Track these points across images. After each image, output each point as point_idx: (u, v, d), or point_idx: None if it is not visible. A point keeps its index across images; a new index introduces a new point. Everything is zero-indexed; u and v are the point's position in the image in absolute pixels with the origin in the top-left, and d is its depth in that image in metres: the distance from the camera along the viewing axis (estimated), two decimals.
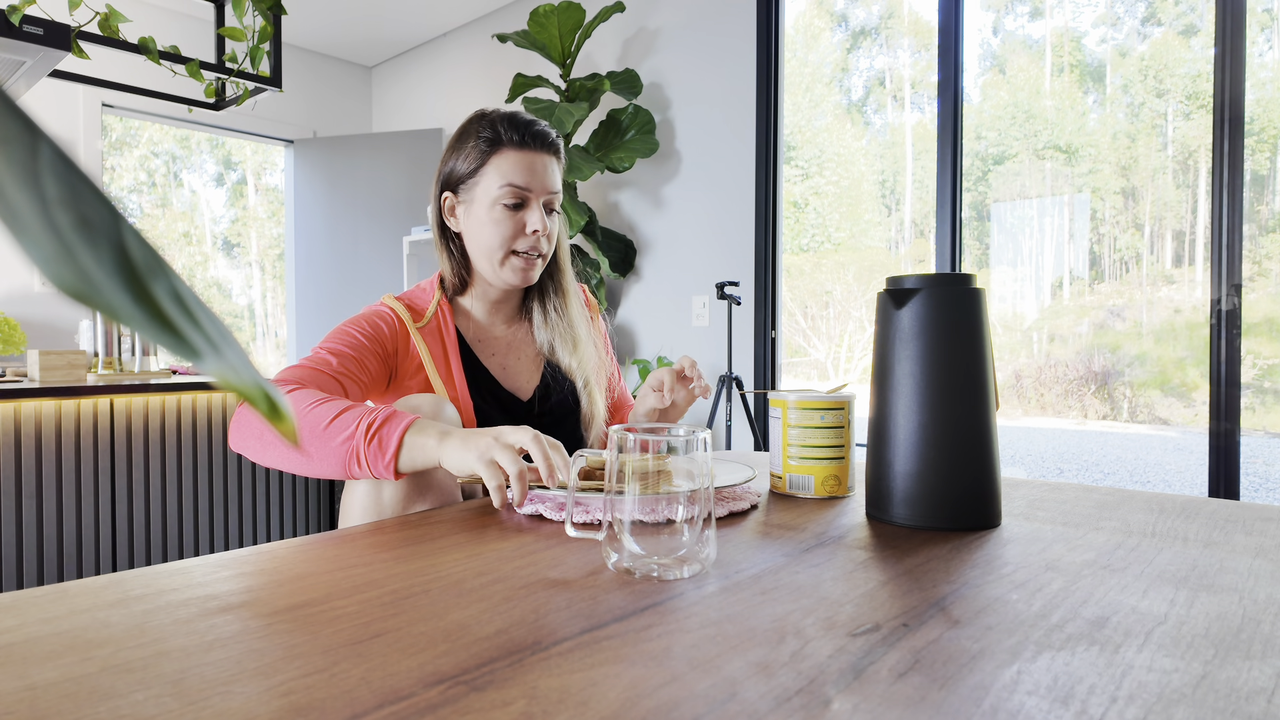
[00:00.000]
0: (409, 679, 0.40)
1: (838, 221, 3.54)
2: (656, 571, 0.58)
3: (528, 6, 3.59)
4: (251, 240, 6.99)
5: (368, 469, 0.81)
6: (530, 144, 1.08)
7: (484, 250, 1.10)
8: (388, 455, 0.80)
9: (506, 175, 1.07)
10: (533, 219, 1.08)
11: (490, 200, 1.08)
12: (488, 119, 1.10)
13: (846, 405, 0.90)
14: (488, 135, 1.08)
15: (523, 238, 1.09)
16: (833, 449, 0.88)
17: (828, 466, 0.88)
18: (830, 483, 0.88)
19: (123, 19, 1.95)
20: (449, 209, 1.14)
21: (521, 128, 1.08)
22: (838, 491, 0.89)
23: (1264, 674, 0.41)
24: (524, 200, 1.08)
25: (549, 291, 1.20)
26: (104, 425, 1.95)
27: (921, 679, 0.40)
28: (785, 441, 0.90)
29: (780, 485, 0.90)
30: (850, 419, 0.90)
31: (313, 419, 0.84)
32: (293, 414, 0.18)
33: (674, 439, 0.59)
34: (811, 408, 0.88)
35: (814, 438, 0.88)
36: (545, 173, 1.09)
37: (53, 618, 0.48)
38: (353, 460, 0.82)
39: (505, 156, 1.07)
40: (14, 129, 0.16)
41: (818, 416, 0.88)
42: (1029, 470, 3.94)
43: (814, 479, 0.88)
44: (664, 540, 0.59)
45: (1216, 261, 1.95)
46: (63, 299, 1.23)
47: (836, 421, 0.88)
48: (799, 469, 0.89)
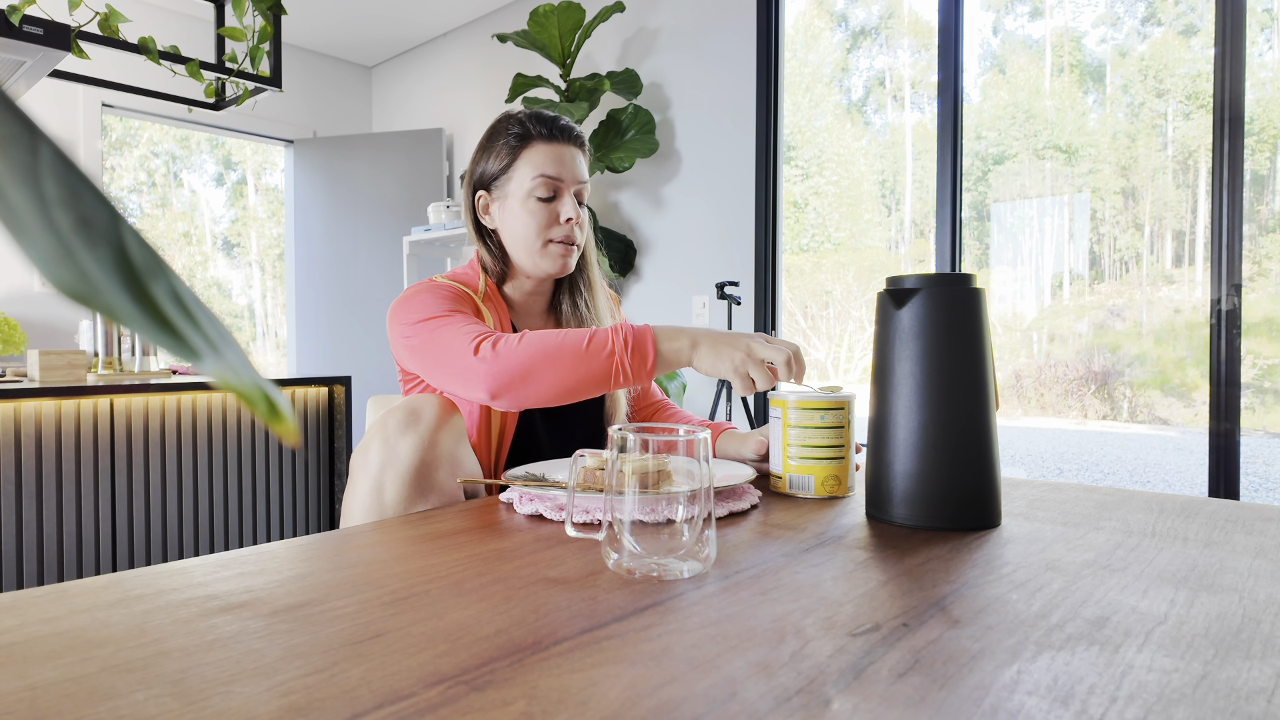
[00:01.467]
0: (409, 679, 0.40)
1: (838, 221, 3.54)
2: (656, 571, 0.58)
3: (528, 6, 3.59)
4: (251, 240, 6.99)
5: (632, 375, 0.91)
6: (558, 137, 1.12)
7: (522, 241, 1.14)
8: (648, 362, 0.91)
9: (539, 167, 1.11)
10: (566, 208, 1.12)
11: (525, 193, 1.12)
12: (515, 118, 1.14)
13: (846, 405, 0.90)
14: (517, 132, 1.13)
15: (557, 226, 1.13)
16: (833, 449, 0.88)
17: (828, 466, 0.88)
18: (830, 483, 0.88)
19: (123, 19, 1.95)
20: (483, 207, 1.18)
21: (548, 122, 1.13)
22: (838, 491, 0.89)
23: (1264, 674, 0.41)
24: (556, 191, 1.12)
25: (579, 285, 1.24)
26: (104, 425, 1.95)
27: (921, 679, 0.40)
28: (785, 441, 0.90)
29: (780, 485, 0.91)
30: (850, 419, 0.90)
31: (569, 346, 0.92)
32: (290, 412, 0.18)
33: (674, 438, 0.59)
34: (812, 408, 0.88)
35: (814, 438, 0.88)
36: (574, 164, 1.14)
37: (53, 618, 0.48)
38: (619, 372, 0.91)
39: (535, 150, 1.12)
40: (14, 129, 0.16)
41: (818, 417, 0.88)
42: (1029, 470, 3.94)
43: (814, 479, 0.89)
44: (663, 540, 0.59)
45: (1216, 261, 1.95)
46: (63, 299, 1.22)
47: (836, 421, 0.88)
48: (799, 469, 0.89)
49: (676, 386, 2.84)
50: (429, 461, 0.87)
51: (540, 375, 0.92)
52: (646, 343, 0.91)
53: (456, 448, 0.91)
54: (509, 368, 0.93)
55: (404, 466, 0.85)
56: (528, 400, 0.94)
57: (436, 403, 0.91)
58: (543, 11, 2.91)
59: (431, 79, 4.12)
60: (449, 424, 0.90)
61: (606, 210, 3.30)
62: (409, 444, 0.86)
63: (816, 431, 0.88)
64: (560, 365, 0.92)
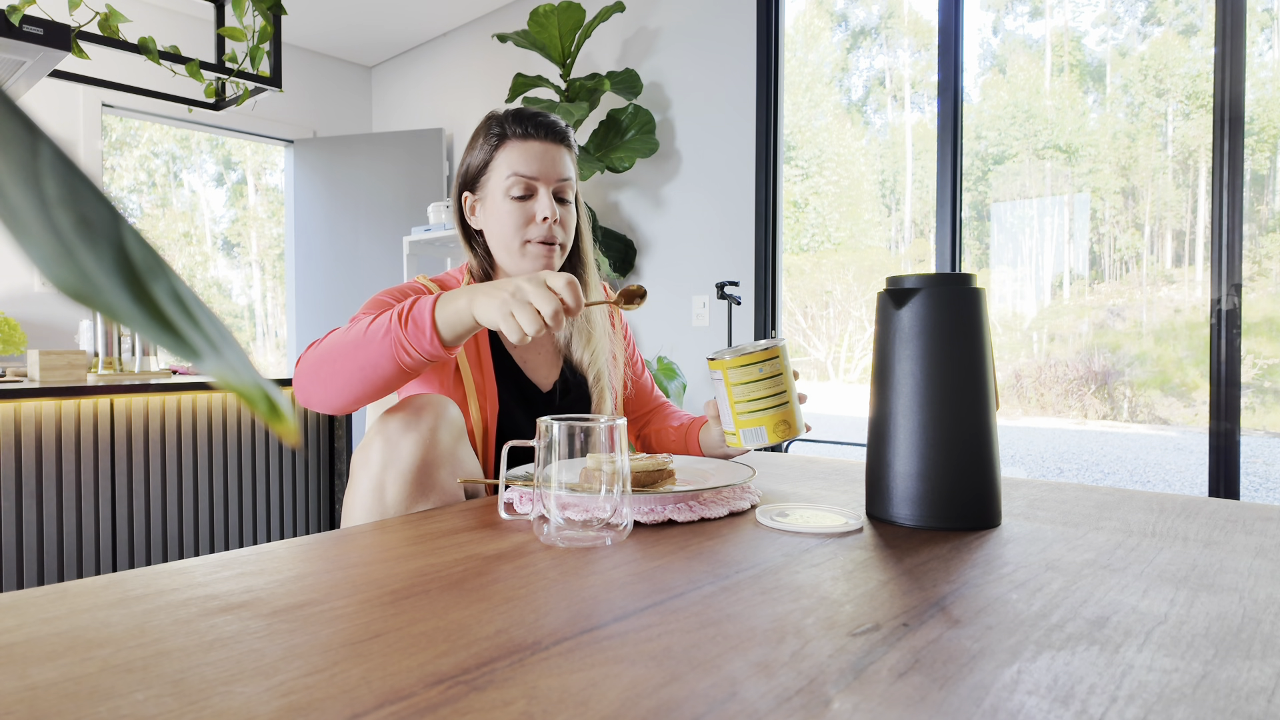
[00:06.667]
0: (409, 679, 0.40)
1: (838, 221, 3.54)
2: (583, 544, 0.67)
3: (528, 6, 3.59)
4: (251, 240, 6.99)
5: (417, 352, 0.85)
6: (535, 134, 1.10)
7: (502, 242, 1.12)
8: (427, 331, 0.84)
9: (513, 165, 1.09)
10: (542, 207, 1.09)
11: (501, 192, 1.10)
12: (496, 117, 1.12)
13: (780, 352, 0.91)
14: (496, 131, 1.11)
15: (534, 226, 1.10)
16: (776, 396, 0.90)
17: (775, 414, 0.90)
18: (781, 428, 0.90)
19: (123, 19, 1.95)
20: (470, 208, 1.16)
21: (526, 119, 1.10)
22: (789, 434, 0.91)
23: (1264, 674, 0.41)
24: (532, 189, 1.10)
25: None
26: (104, 425, 1.95)
27: (921, 678, 0.40)
28: (731, 400, 0.91)
29: (736, 442, 0.92)
30: (786, 364, 0.92)
31: (351, 336, 0.88)
32: (291, 412, 0.18)
33: (593, 424, 0.67)
34: (748, 363, 0.90)
35: (756, 391, 0.90)
36: (552, 161, 1.10)
37: (53, 618, 0.48)
38: (400, 349, 0.85)
39: (511, 148, 1.10)
40: (14, 129, 0.16)
41: (756, 370, 0.90)
42: (1029, 470, 3.94)
43: (765, 429, 0.90)
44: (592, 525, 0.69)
45: (1216, 261, 1.95)
46: (63, 299, 1.23)
47: (773, 370, 0.90)
48: (749, 423, 0.90)
49: (676, 386, 2.84)
50: (431, 461, 0.87)
51: (327, 372, 0.88)
52: (424, 313, 0.85)
53: (457, 447, 0.91)
54: (302, 371, 0.90)
55: (406, 466, 0.85)
56: (330, 401, 0.89)
57: (438, 402, 0.91)
58: (543, 11, 2.91)
59: (431, 79, 4.12)
60: (450, 423, 0.90)
61: (606, 210, 3.30)
62: (411, 443, 0.86)
63: (757, 385, 0.89)
64: (342, 356, 0.88)
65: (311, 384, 0.90)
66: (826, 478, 1.04)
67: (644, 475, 0.83)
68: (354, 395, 0.89)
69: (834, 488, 0.96)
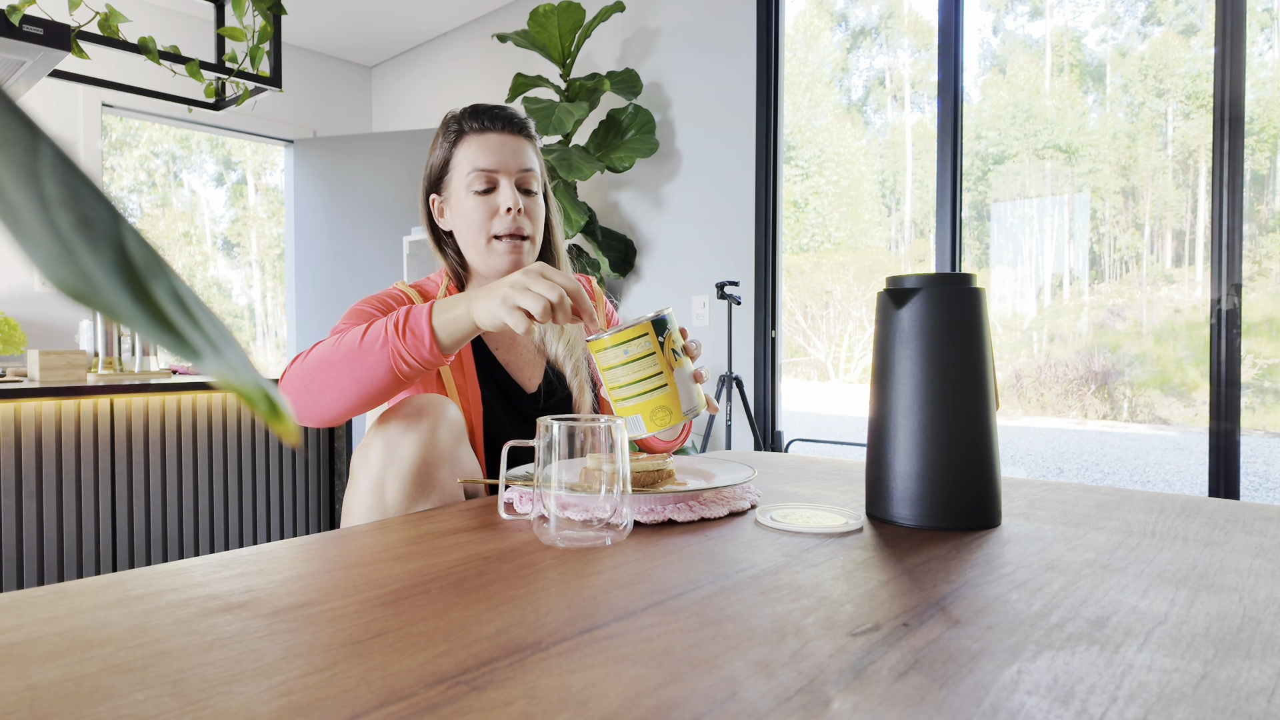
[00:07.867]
0: (409, 679, 0.40)
1: (838, 221, 3.54)
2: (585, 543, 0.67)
3: (528, 6, 3.59)
4: (251, 240, 6.99)
5: (416, 361, 0.85)
6: (492, 126, 1.09)
7: (469, 240, 1.11)
8: (426, 339, 0.84)
9: (472, 160, 1.08)
10: (505, 198, 1.08)
11: (464, 189, 1.09)
12: (454, 115, 1.12)
13: (649, 330, 0.78)
14: (454, 128, 1.11)
15: (498, 219, 1.09)
16: (650, 379, 0.79)
17: (652, 399, 0.79)
18: (660, 415, 0.79)
19: (123, 19, 1.95)
20: (438, 210, 1.16)
21: (482, 113, 1.09)
22: (670, 422, 0.79)
23: (1264, 674, 0.41)
24: (494, 182, 1.09)
25: None
26: (104, 425, 1.95)
27: (921, 678, 0.40)
28: (609, 387, 0.81)
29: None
30: (660, 343, 0.79)
31: (344, 347, 0.86)
32: (291, 412, 0.18)
33: (595, 425, 0.67)
34: (611, 345, 0.78)
35: (626, 375, 0.79)
36: (512, 151, 1.09)
37: (53, 618, 0.48)
38: (397, 359, 0.84)
39: (468, 143, 1.09)
40: (14, 129, 0.16)
41: (621, 353, 0.78)
42: (1029, 470, 3.94)
43: (642, 417, 0.79)
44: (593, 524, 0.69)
45: (1216, 261, 1.95)
46: (63, 299, 1.23)
47: (644, 350, 0.78)
48: (625, 410, 0.80)
49: None
50: (431, 460, 0.87)
51: (320, 385, 0.87)
52: (421, 321, 0.83)
53: (457, 447, 0.91)
54: (289, 385, 0.88)
55: (406, 465, 0.85)
56: (323, 414, 0.88)
57: (438, 402, 0.91)
58: (543, 11, 2.91)
59: (431, 79, 4.12)
60: (450, 423, 0.90)
61: (606, 210, 3.29)
62: (411, 443, 0.86)
63: (626, 368, 0.78)
64: (335, 368, 0.86)
65: (301, 398, 0.89)
66: (826, 478, 1.04)
67: (644, 475, 0.83)
68: (347, 406, 0.88)
69: (834, 488, 0.96)
